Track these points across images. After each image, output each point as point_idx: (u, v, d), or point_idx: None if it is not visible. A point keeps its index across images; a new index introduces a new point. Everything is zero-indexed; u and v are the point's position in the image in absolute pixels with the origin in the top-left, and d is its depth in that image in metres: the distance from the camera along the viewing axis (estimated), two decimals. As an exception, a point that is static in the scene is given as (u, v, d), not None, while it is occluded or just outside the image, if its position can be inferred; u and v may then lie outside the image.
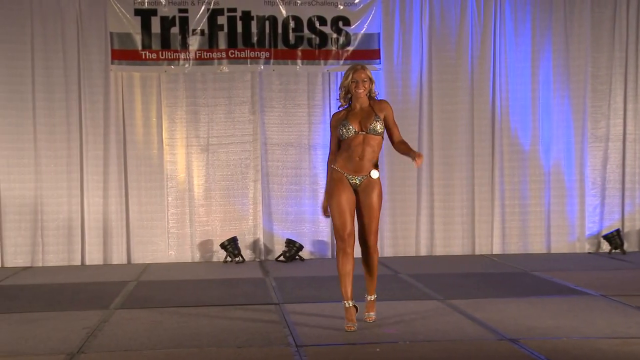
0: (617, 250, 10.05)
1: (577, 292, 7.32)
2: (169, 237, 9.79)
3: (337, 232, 5.82)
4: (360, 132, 5.76)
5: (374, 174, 5.78)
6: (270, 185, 9.95)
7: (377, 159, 5.87)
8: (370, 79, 5.85)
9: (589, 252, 10.21)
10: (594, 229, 10.32)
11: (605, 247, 10.20)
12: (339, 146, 5.88)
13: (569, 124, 10.22)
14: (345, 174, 5.79)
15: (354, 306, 5.83)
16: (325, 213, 6.01)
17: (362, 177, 5.78)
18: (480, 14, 10.07)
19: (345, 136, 5.78)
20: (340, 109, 6.01)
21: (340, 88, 5.96)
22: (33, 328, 6.04)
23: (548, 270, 8.68)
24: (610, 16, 10.22)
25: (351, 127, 5.77)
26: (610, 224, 10.30)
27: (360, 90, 5.79)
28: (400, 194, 10.01)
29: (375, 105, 5.87)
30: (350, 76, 5.82)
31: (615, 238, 10.07)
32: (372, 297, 6.02)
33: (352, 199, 5.80)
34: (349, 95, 5.90)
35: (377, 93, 5.94)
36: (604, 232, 10.24)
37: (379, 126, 5.76)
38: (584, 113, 10.20)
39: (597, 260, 9.59)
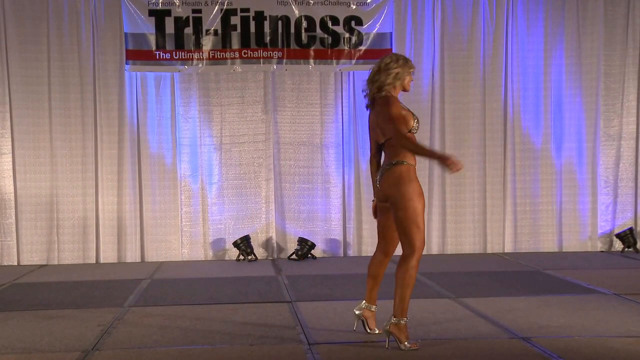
0: (630, 249, 10.04)
1: (590, 290, 7.32)
2: (182, 236, 9.85)
3: (421, 242, 5.13)
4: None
5: None
6: (282, 184, 9.99)
7: None
8: None
9: (602, 251, 10.20)
10: (607, 228, 10.30)
11: (618, 245, 10.18)
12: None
13: (581, 123, 10.21)
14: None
15: None
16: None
17: None
18: (492, 12, 10.06)
19: (414, 131, 5.30)
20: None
21: (398, 79, 5.30)
22: (48, 325, 6.11)
23: (560, 268, 8.68)
24: (624, 14, 10.18)
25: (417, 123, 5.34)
26: (623, 223, 10.28)
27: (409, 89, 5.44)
28: (412, 193, 10.02)
29: None
30: (410, 71, 5.35)
31: (628, 236, 10.05)
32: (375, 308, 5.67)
33: None
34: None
35: None
36: (617, 231, 10.22)
37: None
38: (596, 111, 10.18)
39: (609, 259, 9.58)
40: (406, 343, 5.16)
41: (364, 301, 5.62)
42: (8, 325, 6.13)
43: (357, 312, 5.63)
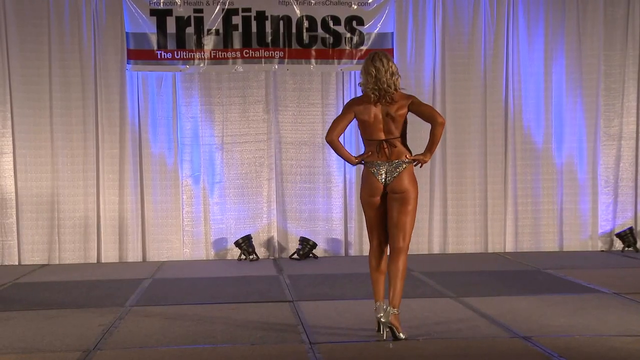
0: (630, 248, 10.05)
1: (590, 289, 7.34)
2: (183, 235, 9.86)
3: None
4: None
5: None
6: (284, 184, 10.01)
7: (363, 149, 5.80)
8: None
9: (602, 250, 10.21)
10: (607, 227, 10.32)
11: (618, 245, 10.19)
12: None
13: (581, 123, 10.22)
14: None
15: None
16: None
17: None
18: (493, 13, 10.07)
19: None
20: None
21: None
22: (49, 325, 6.12)
23: (561, 268, 8.69)
24: (623, 15, 10.20)
25: None
26: (623, 222, 10.29)
27: None
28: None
29: None
30: None
31: (628, 236, 10.06)
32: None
33: None
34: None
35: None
36: (617, 230, 10.24)
37: None
38: (596, 111, 10.19)
39: (609, 258, 9.59)
40: (401, 333, 5.37)
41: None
42: (9, 325, 6.14)
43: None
